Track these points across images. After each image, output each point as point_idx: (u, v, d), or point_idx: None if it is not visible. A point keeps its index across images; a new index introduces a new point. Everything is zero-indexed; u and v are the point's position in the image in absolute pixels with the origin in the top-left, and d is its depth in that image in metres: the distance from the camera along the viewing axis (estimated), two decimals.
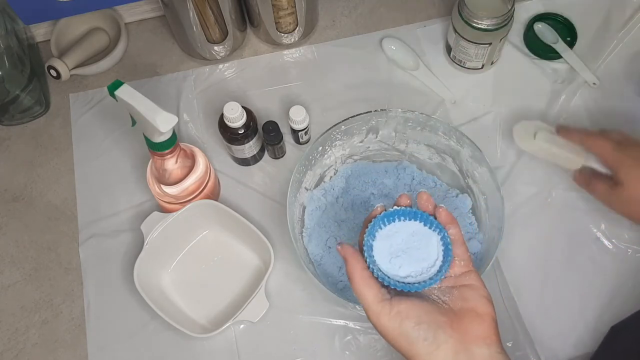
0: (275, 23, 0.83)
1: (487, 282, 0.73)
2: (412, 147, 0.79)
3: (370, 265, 0.51)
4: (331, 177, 0.79)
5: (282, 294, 0.74)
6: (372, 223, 0.53)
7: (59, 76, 0.84)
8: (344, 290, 0.72)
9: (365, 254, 0.52)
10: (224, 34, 0.83)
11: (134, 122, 0.65)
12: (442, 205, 0.54)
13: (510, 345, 0.71)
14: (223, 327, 0.67)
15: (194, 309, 0.73)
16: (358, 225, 0.76)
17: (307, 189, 0.77)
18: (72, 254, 0.78)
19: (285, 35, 0.86)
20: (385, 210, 0.53)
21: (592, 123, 0.82)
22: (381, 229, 0.53)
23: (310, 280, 0.69)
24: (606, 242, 0.75)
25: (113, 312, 0.74)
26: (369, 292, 0.51)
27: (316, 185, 0.78)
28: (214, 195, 0.77)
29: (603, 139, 0.68)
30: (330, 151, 0.77)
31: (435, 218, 0.53)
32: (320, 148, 0.75)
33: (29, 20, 0.73)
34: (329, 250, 0.74)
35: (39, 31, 0.90)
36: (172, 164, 0.70)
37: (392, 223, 0.53)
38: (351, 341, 0.72)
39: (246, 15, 0.86)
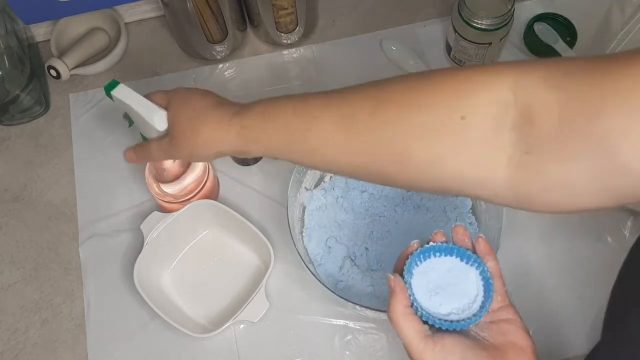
0: (275, 23, 0.83)
1: None
2: None
3: (414, 303, 0.50)
4: (331, 176, 0.79)
5: (282, 294, 0.74)
6: (409, 260, 0.51)
7: (59, 76, 0.84)
8: (344, 290, 0.72)
9: (410, 295, 0.50)
10: (224, 34, 0.83)
11: (130, 123, 0.65)
12: (481, 235, 0.53)
13: None
14: (223, 327, 0.67)
15: (194, 309, 0.73)
16: (358, 225, 0.76)
17: (307, 189, 0.77)
18: (72, 254, 0.78)
19: (285, 35, 0.86)
20: (421, 247, 0.52)
21: None
22: (417, 265, 0.52)
23: (310, 280, 0.69)
24: (606, 242, 0.75)
25: (113, 312, 0.74)
26: (411, 328, 0.48)
27: (316, 185, 0.78)
28: (213, 194, 0.77)
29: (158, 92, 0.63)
30: None
31: (474, 250, 0.52)
32: None
33: (29, 20, 0.73)
34: (329, 250, 0.74)
35: (39, 31, 0.90)
36: (170, 162, 0.70)
37: (428, 259, 0.52)
38: (351, 341, 0.72)
39: (246, 15, 0.86)
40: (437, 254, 0.52)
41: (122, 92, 0.61)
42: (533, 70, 0.41)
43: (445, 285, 0.51)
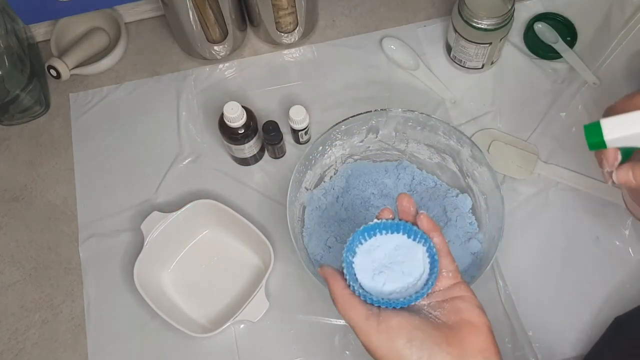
0: (275, 23, 0.83)
1: (487, 282, 0.73)
2: (412, 147, 0.79)
3: (351, 283, 0.48)
4: (331, 176, 0.79)
5: (282, 294, 0.74)
6: (350, 239, 0.50)
7: (59, 76, 0.84)
8: None
9: (345, 272, 0.49)
10: (224, 34, 0.83)
11: (627, 154, 0.53)
12: (422, 211, 0.50)
13: (509, 345, 0.71)
14: (223, 327, 0.67)
15: (194, 309, 0.73)
16: (358, 225, 0.75)
17: (307, 189, 0.77)
18: (72, 254, 0.78)
19: (285, 35, 0.86)
20: (366, 225, 0.50)
21: None
22: (361, 244, 0.50)
23: (310, 280, 0.69)
24: (606, 242, 0.75)
25: (113, 312, 0.74)
26: (352, 310, 0.47)
27: (316, 185, 0.78)
28: None
29: None
30: (330, 151, 0.77)
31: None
32: (320, 148, 0.75)
33: (29, 20, 0.73)
34: (329, 250, 0.74)
35: (39, 31, 0.90)
36: None
37: (374, 237, 0.50)
38: (351, 341, 0.72)
39: (246, 15, 0.86)
40: (384, 231, 0.50)
41: (612, 125, 0.48)
42: None
43: (391, 263, 0.49)
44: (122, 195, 0.80)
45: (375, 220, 0.50)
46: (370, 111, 0.74)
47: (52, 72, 0.84)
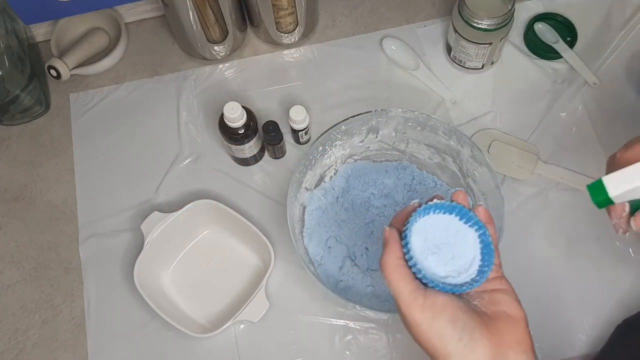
0: (276, 23, 0.83)
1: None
2: (412, 147, 0.79)
3: (416, 265, 0.47)
4: (331, 177, 0.79)
5: (282, 294, 0.74)
6: (412, 217, 0.48)
7: (59, 76, 0.84)
8: (344, 290, 0.72)
9: (406, 249, 0.48)
10: (224, 34, 0.83)
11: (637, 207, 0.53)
12: (481, 203, 0.50)
13: None
14: (223, 327, 0.67)
15: (194, 309, 0.73)
16: (358, 225, 0.76)
17: (307, 189, 0.77)
18: (72, 254, 0.78)
19: (286, 35, 0.86)
20: (425, 204, 0.49)
21: (592, 123, 0.82)
22: (416, 222, 0.49)
23: (310, 280, 0.69)
24: (606, 242, 0.75)
25: (113, 312, 0.74)
26: (401, 281, 0.46)
27: (316, 185, 0.78)
28: None
29: None
30: (330, 151, 0.77)
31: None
32: (321, 148, 0.75)
33: (29, 20, 0.73)
34: (329, 250, 0.74)
35: (39, 31, 0.90)
36: None
37: (427, 216, 0.49)
38: (351, 341, 0.72)
39: (246, 15, 0.86)
40: (437, 211, 0.49)
41: (614, 181, 0.48)
42: None
43: (442, 244, 0.48)
44: (122, 195, 0.80)
45: (436, 200, 0.49)
46: (370, 111, 0.74)
47: (52, 72, 0.84)
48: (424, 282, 0.47)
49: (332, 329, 0.72)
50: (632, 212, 0.53)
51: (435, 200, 0.49)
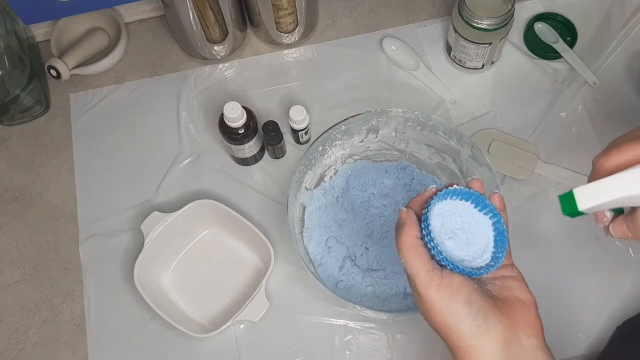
0: (276, 23, 0.83)
1: None
2: (412, 147, 0.79)
3: (433, 242, 0.48)
4: (331, 176, 0.79)
5: (282, 294, 0.74)
6: (432, 200, 0.49)
7: (59, 76, 0.84)
8: (344, 290, 0.72)
9: (425, 232, 0.48)
10: (224, 34, 0.83)
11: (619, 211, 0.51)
12: (497, 191, 0.52)
13: None
14: (223, 327, 0.67)
15: (194, 309, 0.73)
16: (358, 225, 0.76)
17: (307, 189, 0.77)
18: (72, 254, 0.78)
19: (285, 35, 0.86)
20: (440, 191, 0.50)
21: (592, 123, 0.82)
22: (435, 206, 0.50)
23: (310, 280, 0.69)
24: (606, 242, 0.75)
25: (113, 312, 0.74)
26: (419, 260, 0.47)
27: (316, 185, 0.78)
28: None
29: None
30: (330, 151, 0.77)
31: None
32: (321, 148, 0.75)
33: (29, 20, 0.73)
34: (329, 250, 0.74)
35: (39, 31, 0.90)
36: None
37: (444, 201, 0.50)
38: (351, 341, 0.72)
39: (246, 15, 0.86)
40: (454, 197, 0.51)
41: (584, 194, 0.46)
42: None
43: (457, 229, 0.50)
44: (122, 195, 0.80)
45: (455, 186, 0.51)
46: (370, 111, 0.74)
47: (52, 72, 0.84)
48: (441, 264, 0.48)
49: (332, 329, 0.72)
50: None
51: (454, 186, 0.50)
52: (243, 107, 0.73)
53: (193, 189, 0.80)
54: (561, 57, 0.85)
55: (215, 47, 0.85)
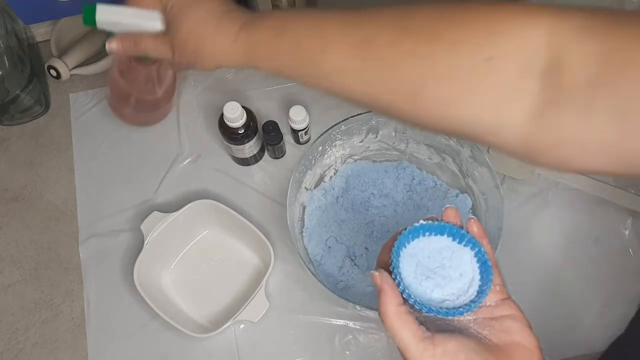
0: None
1: None
2: (412, 147, 0.79)
3: (405, 291, 0.44)
4: (331, 177, 0.79)
5: (282, 294, 0.74)
6: (397, 242, 0.45)
7: (59, 76, 0.84)
8: (344, 290, 0.72)
9: (397, 281, 0.44)
10: None
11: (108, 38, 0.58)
12: (473, 217, 0.48)
13: None
14: (223, 327, 0.67)
15: (194, 309, 0.73)
16: (358, 225, 0.76)
17: (307, 189, 0.77)
18: (72, 254, 0.78)
19: None
20: (411, 227, 0.46)
21: None
22: (405, 247, 0.46)
23: (310, 280, 0.69)
24: (606, 242, 0.75)
25: (113, 312, 0.74)
26: (406, 330, 0.43)
27: (316, 185, 0.78)
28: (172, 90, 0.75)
29: None
30: (330, 151, 0.77)
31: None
32: (320, 148, 0.75)
33: (29, 20, 0.73)
34: (329, 250, 0.74)
35: (39, 31, 0.90)
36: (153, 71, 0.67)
37: (417, 239, 0.46)
38: (351, 341, 0.72)
39: None
40: (427, 233, 0.46)
41: (105, 11, 0.55)
42: (572, 17, 0.38)
43: (437, 267, 0.45)
44: (122, 195, 0.80)
45: (421, 221, 0.46)
46: (370, 111, 0.74)
47: (52, 72, 0.84)
48: (417, 309, 0.44)
49: (332, 329, 0.72)
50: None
51: (421, 222, 0.46)
52: (243, 107, 0.73)
53: (193, 189, 0.80)
54: None
55: None
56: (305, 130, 0.79)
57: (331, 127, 0.73)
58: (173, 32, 0.53)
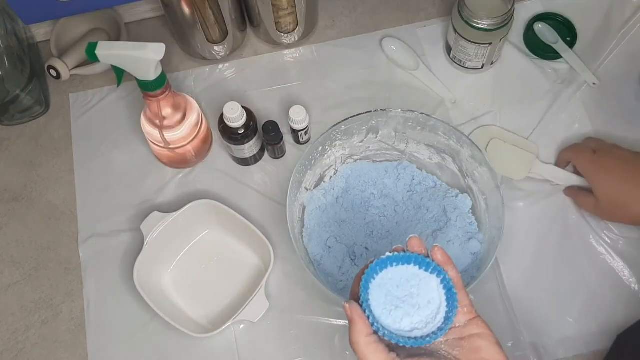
0: (275, 23, 0.83)
1: (487, 282, 0.73)
2: (412, 147, 0.79)
3: (375, 324, 0.46)
4: (331, 177, 0.79)
5: (282, 294, 0.74)
6: (365, 276, 0.47)
7: (59, 76, 0.84)
8: (344, 290, 0.72)
9: (367, 313, 0.46)
10: (224, 34, 0.83)
11: (119, 80, 0.68)
12: (436, 244, 0.50)
13: (510, 345, 0.71)
14: (223, 327, 0.67)
15: (194, 309, 0.73)
16: (358, 225, 0.76)
17: (307, 189, 0.77)
18: (72, 254, 0.78)
19: (285, 35, 0.86)
20: (378, 259, 0.48)
21: (592, 123, 0.82)
22: (373, 279, 0.48)
23: (310, 280, 0.69)
24: (605, 242, 0.75)
25: (113, 312, 0.74)
26: (377, 358, 0.45)
27: (316, 185, 0.78)
28: (207, 142, 0.80)
29: (580, 151, 0.74)
30: (330, 151, 0.77)
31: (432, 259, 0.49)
32: (320, 148, 0.75)
33: (29, 20, 0.73)
34: (329, 250, 0.74)
35: (39, 31, 0.90)
36: (168, 106, 0.71)
37: (385, 270, 0.48)
38: None
39: (246, 15, 0.86)
40: (394, 263, 0.48)
41: (106, 47, 0.63)
42: None
43: (405, 296, 0.47)
44: (122, 195, 0.80)
45: (388, 253, 0.48)
46: (370, 111, 0.74)
47: (52, 72, 0.84)
48: (387, 340, 0.46)
49: (332, 329, 0.72)
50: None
51: (387, 254, 0.48)
52: (243, 107, 0.73)
53: (193, 189, 0.80)
54: (561, 57, 0.85)
55: (215, 47, 0.85)
56: (305, 130, 0.79)
57: (331, 127, 0.73)
58: (601, 195, 0.70)
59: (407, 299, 0.47)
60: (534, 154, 0.79)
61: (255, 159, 0.80)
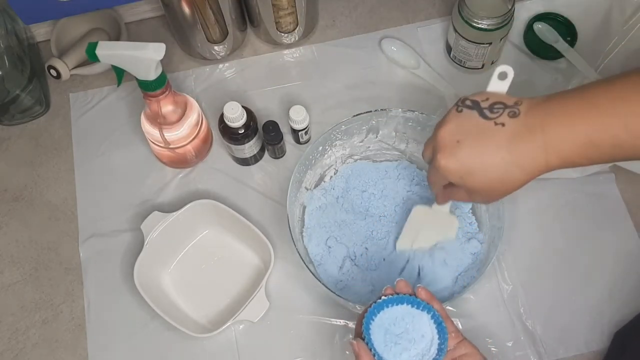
0: (275, 23, 0.83)
1: (488, 282, 0.73)
2: (412, 147, 0.79)
3: (376, 356, 0.53)
4: (331, 176, 0.79)
5: (282, 294, 0.74)
6: (365, 319, 0.54)
7: (59, 76, 0.84)
8: (344, 290, 0.72)
9: (372, 352, 0.53)
10: (224, 34, 0.83)
11: (119, 79, 0.68)
12: (419, 284, 0.56)
13: (510, 345, 0.71)
14: (223, 327, 0.67)
15: (194, 309, 0.73)
16: (358, 225, 0.76)
17: (307, 189, 0.77)
18: (72, 254, 0.78)
19: (285, 35, 0.86)
20: (375, 303, 0.55)
21: None
22: (373, 320, 0.55)
23: (310, 280, 0.69)
24: (605, 242, 0.75)
25: (113, 312, 0.74)
26: None
27: (316, 185, 0.78)
28: (207, 142, 0.79)
29: (431, 174, 0.58)
30: (330, 151, 0.77)
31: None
32: (321, 148, 0.75)
33: (29, 20, 0.73)
34: (329, 250, 0.74)
35: (39, 31, 0.90)
36: (169, 105, 0.71)
37: (382, 312, 0.55)
38: (351, 341, 0.72)
39: (246, 15, 0.86)
40: (389, 305, 0.55)
41: (106, 47, 0.63)
42: None
43: (401, 333, 0.54)
44: (122, 195, 0.80)
45: (383, 297, 0.55)
46: (371, 111, 0.74)
47: (52, 72, 0.84)
48: None
49: (332, 329, 0.72)
50: None
51: (382, 297, 0.55)
52: (243, 107, 0.73)
53: (193, 189, 0.80)
54: (561, 57, 0.85)
55: (215, 47, 0.85)
56: (305, 130, 0.79)
57: (331, 127, 0.73)
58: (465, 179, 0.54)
59: (404, 335, 0.54)
60: None
61: (256, 158, 0.80)
